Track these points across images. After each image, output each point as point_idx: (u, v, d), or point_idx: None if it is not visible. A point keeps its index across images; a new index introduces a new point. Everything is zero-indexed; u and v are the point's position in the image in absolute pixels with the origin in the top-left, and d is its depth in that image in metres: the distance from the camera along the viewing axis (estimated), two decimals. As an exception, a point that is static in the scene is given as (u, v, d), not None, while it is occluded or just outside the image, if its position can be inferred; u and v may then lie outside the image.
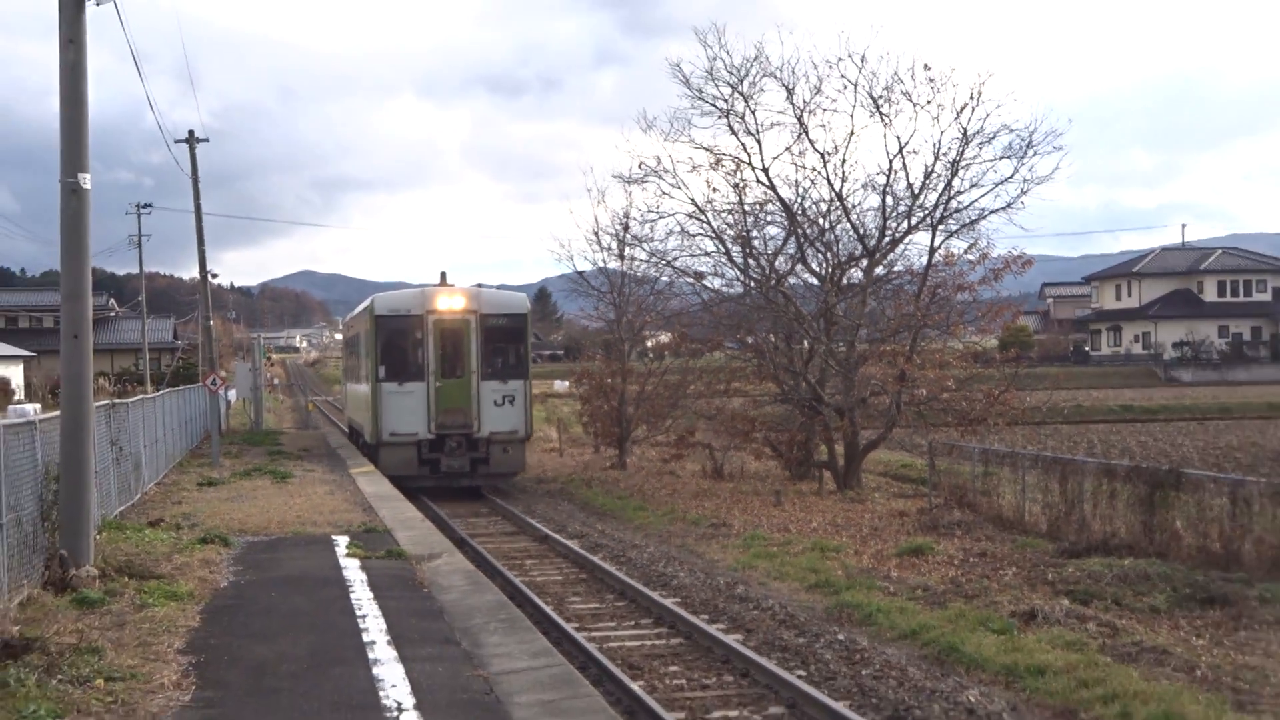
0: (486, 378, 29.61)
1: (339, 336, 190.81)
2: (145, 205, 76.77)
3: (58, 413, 15.72)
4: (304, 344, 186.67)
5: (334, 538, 19.13)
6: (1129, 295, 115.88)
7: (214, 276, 54.61)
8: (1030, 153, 31.49)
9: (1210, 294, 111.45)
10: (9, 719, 8.96)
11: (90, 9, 15.13)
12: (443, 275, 31.05)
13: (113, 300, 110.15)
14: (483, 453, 29.76)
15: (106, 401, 23.45)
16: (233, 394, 63.55)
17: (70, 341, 15.32)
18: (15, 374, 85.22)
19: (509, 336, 30.63)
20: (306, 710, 9.61)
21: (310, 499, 24.85)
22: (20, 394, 75.15)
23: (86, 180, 14.96)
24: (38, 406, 22.15)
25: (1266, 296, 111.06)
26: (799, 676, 13.56)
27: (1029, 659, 13.89)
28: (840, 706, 12.21)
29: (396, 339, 29.78)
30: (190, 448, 39.67)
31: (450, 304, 29.63)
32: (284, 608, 13.86)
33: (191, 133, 48.08)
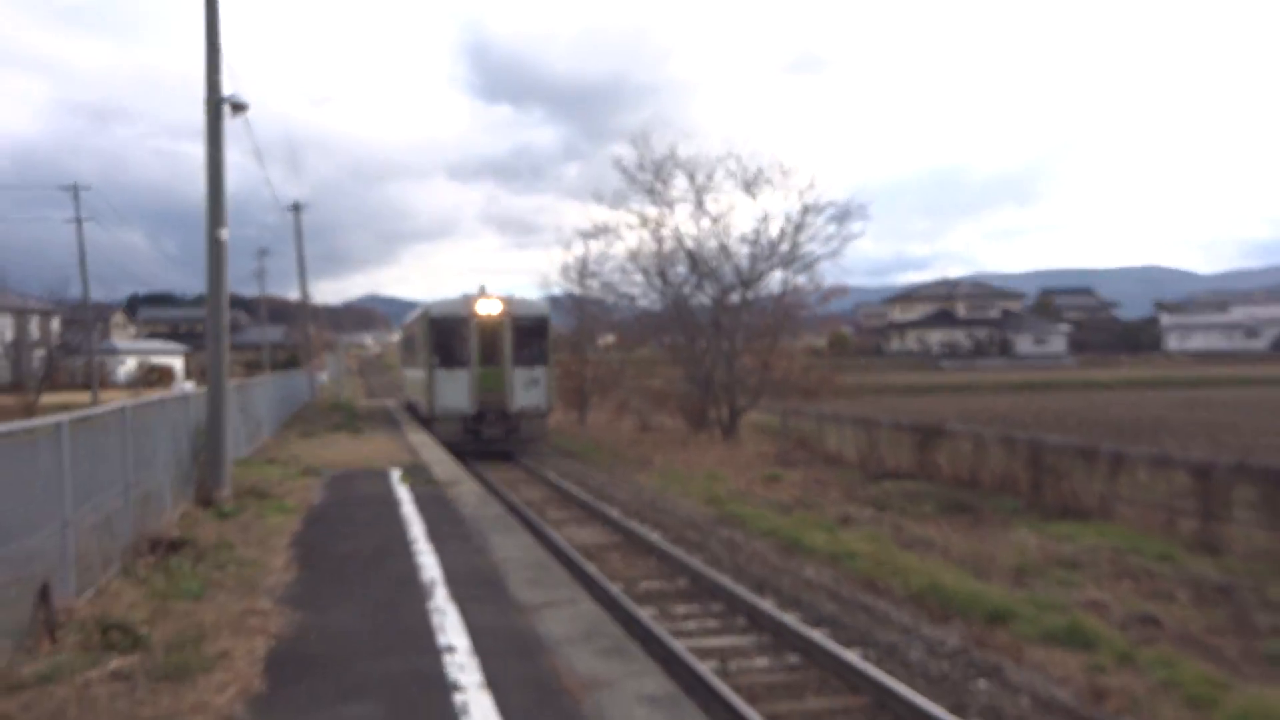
0: (517, 365, 26.68)
1: (394, 338, 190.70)
2: (264, 251, 76.51)
3: (206, 388, 15.62)
4: (371, 342, 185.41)
5: (390, 471, 18.95)
6: (910, 313, 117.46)
7: (310, 298, 54.34)
8: (847, 218, 32.03)
9: (961, 312, 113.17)
10: (174, 590, 8.88)
11: (227, 120, 15.08)
12: (482, 287, 27.86)
13: (243, 312, 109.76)
14: (514, 424, 26.75)
15: (238, 381, 23.34)
16: (324, 376, 63.03)
17: (214, 341, 15.35)
18: (178, 363, 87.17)
19: (534, 333, 27.37)
20: (371, 584, 9.53)
21: (375, 446, 24.63)
22: (181, 377, 75.66)
23: (224, 234, 15.02)
24: (193, 383, 21.70)
25: (996, 314, 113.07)
26: (698, 560, 13.57)
27: (846, 547, 13.93)
28: (725, 579, 12.23)
29: (446, 335, 26.74)
30: (294, 412, 39.24)
31: (489, 308, 26.82)
32: (356, 517, 13.73)
33: (296, 203, 47.71)
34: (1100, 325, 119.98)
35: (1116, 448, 17.67)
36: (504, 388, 26.52)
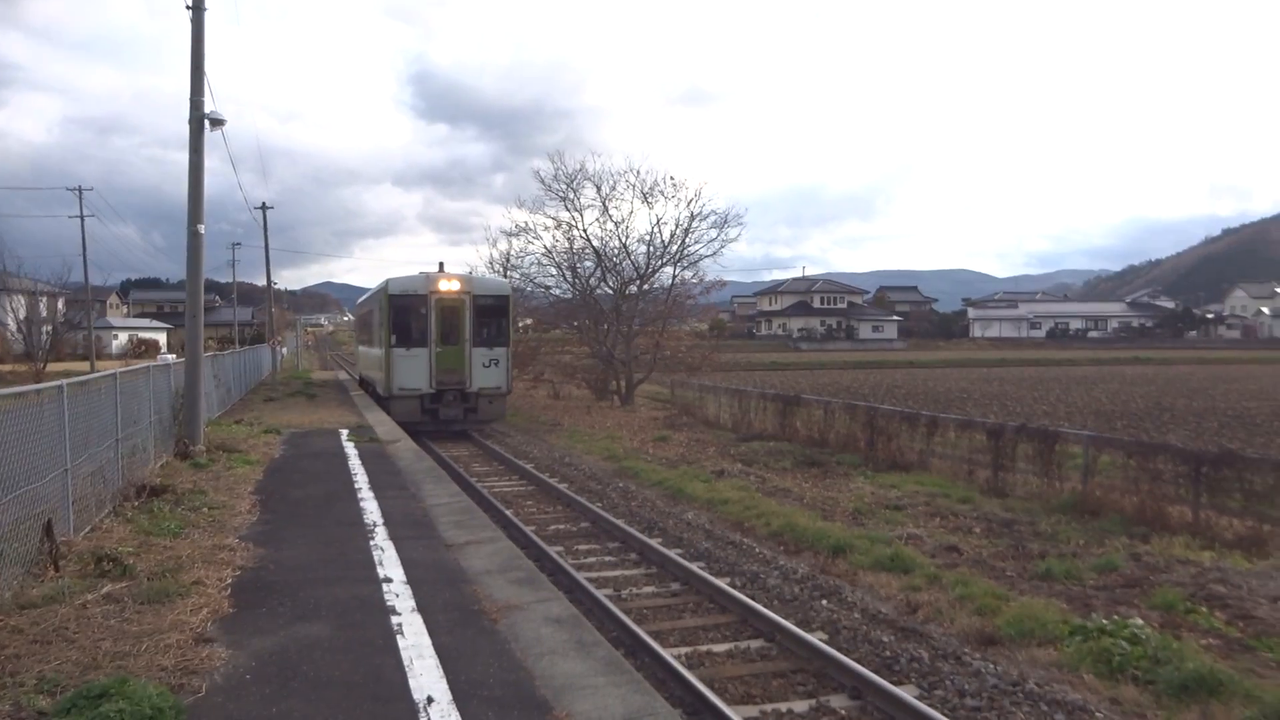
0: (477, 345, 22.64)
1: (347, 319, 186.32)
2: (237, 243, 73.89)
3: (184, 359, 15.26)
4: (326, 322, 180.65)
5: (340, 430, 18.52)
6: (776, 303, 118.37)
7: (274, 284, 52.80)
8: (726, 224, 32.39)
9: (817, 304, 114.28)
10: (155, 529, 8.68)
11: (207, 133, 14.88)
12: (441, 265, 24.11)
13: (217, 296, 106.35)
14: (473, 404, 22.77)
15: (211, 353, 22.66)
16: (284, 350, 61.30)
17: (192, 319, 15.16)
18: (162, 338, 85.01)
19: (495, 313, 23.32)
20: (322, 524, 9.32)
21: (328, 410, 23.99)
22: (164, 349, 73.51)
23: (202, 228, 14.78)
24: (174, 355, 20.75)
25: (844, 306, 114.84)
26: (598, 506, 13.60)
27: (720, 495, 14.08)
28: (620, 522, 12.28)
29: (405, 313, 22.56)
30: (259, 381, 38.09)
31: (449, 286, 22.61)
32: (310, 468, 13.39)
33: (264, 203, 46.17)
34: (923, 316, 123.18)
35: (933, 414, 18.23)
36: (463, 367, 22.56)
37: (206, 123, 14.79)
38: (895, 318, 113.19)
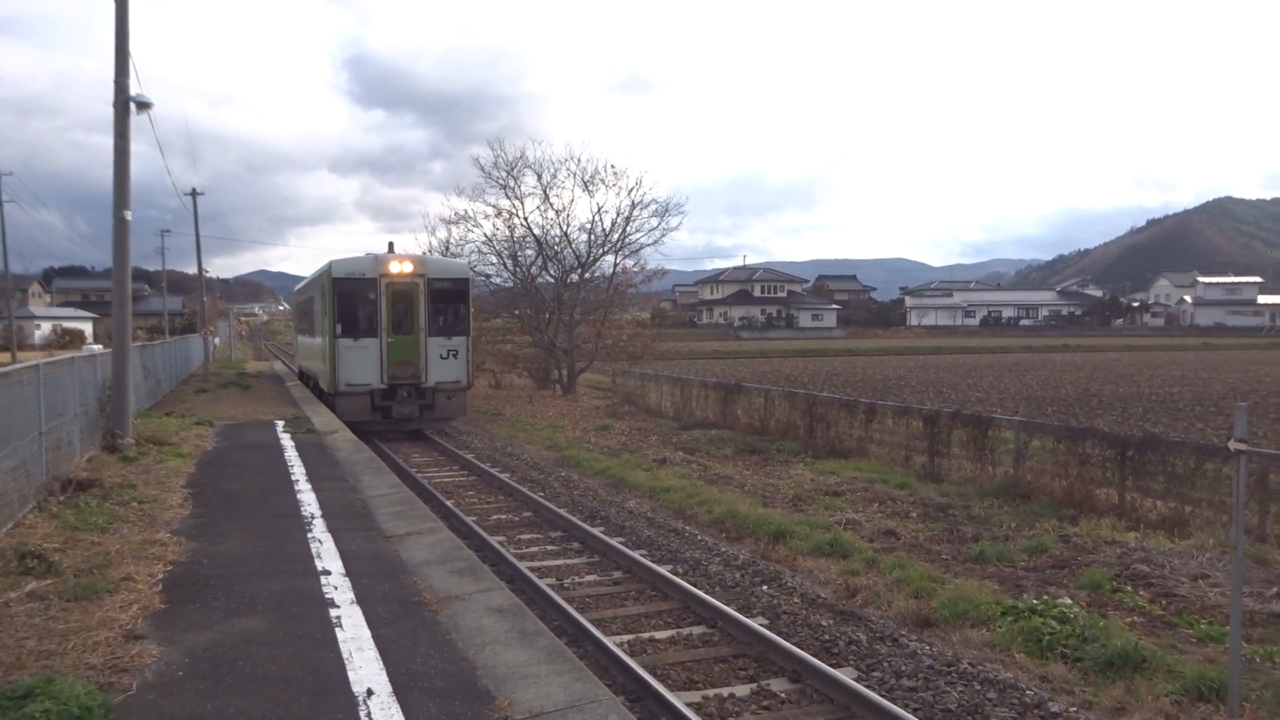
0: (433, 334, 20.18)
1: (284, 308, 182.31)
2: (166, 230, 71.69)
3: (111, 350, 14.85)
4: (260, 312, 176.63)
5: (276, 421, 18.18)
6: (717, 292, 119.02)
7: (206, 272, 51.39)
8: (667, 213, 32.49)
9: (757, 293, 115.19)
10: (82, 524, 8.44)
11: (133, 116, 14.44)
12: (390, 245, 21.63)
13: (145, 285, 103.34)
14: (429, 400, 20.31)
15: (140, 343, 22.00)
16: (217, 340, 59.86)
17: (118, 308, 14.74)
18: (87, 328, 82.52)
19: (452, 298, 20.82)
20: (258, 517, 9.15)
21: (262, 401, 23.53)
22: (90, 340, 71.32)
23: (129, 215, 14.37)
24: (100, 346, 20.17)
25: (785, 295, 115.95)
26: (539, 496, 13.57)
27: (662, 483, 14.14)
28: (563, 511, 12.27)
29: (352, 299, 19.93)
30: (191, 372, 37.14)
31: (401, 268, 20.01)
32: (245, 461, 13.12)
33: (194, 189, 44.76)
34: (861, 305, 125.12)
35: (871, 401, 18.56)
36: (418, 360, 20.10)
37: (132, 106, 14.35)
38: (834, 306, 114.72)
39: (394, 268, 20.02)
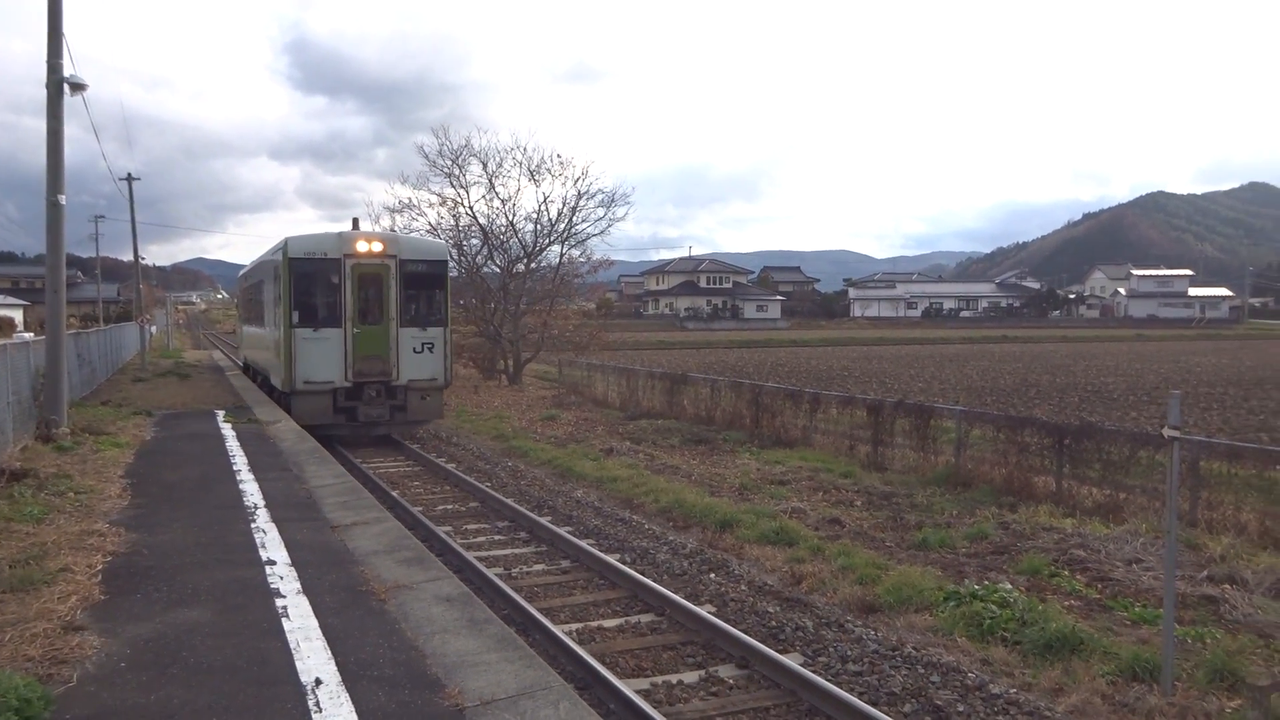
0: (405, 324, 17.57)
1: (223, 296, 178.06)
2: (100, 216, 69.57)
3: (44, 338, 14.45)
4: (198, 300, 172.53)
5: (216, 411, 17.80)
6: (663, 283, 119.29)
7: (143, 259, 50.01)
8: (613, 204, 32.40)
9: (703, 284, 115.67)
10: (16, 515, 8.24)
11: (66, 98, 14.06)
12: (355, 221, 18.90)
13: (79, 272, 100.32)
14: (401, 400, 17.62)
15: (74, 331, 21.40)
16: (154, 329, 58.33)
17: (52, 295, 14.31)
18: (18, 315, 79.83)
19: (428, 283, 18.17)
20: (199, 508, 8.99)
21: (202, 390, 23.03)
22: (21, 327, 69.03)
23: (62, 199, 13.97)
24: (32, 334, 19.39)
25: (730, 286, 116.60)
26: (486, 486, 13.54)
27: (609, 473, 14.21)
28: (509, 501, 12.27)
29: (310, 283, 17.31)
30: (127, 360, 36.14)
31: (369, 248, 17.38)
32: (185, 450, 12.85)
33: (129, 174, 43.44)
34: (806, 296, 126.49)
35: (815, 391, 18.82)
36: (388, 354, 17.54)
37: (66, 87, 13.97)
38: (779, 297, 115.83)
39: (361, 247, 17.45)
